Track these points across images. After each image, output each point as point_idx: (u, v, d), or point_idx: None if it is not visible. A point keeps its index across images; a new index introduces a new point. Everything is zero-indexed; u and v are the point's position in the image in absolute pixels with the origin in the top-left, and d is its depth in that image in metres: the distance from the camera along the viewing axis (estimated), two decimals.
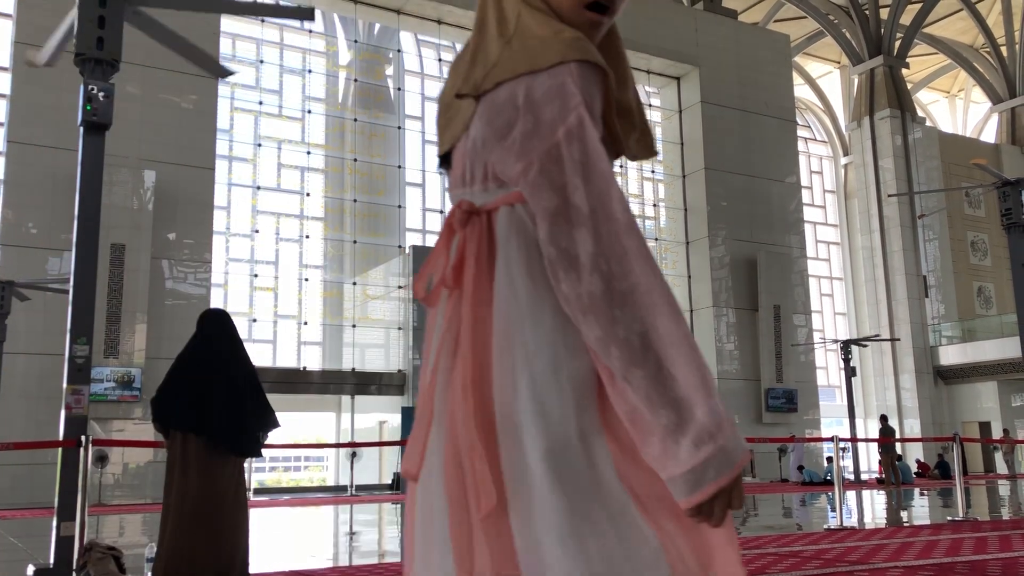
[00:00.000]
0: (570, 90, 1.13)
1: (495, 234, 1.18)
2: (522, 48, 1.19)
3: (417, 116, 27.77)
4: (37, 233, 19.05)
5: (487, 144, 1.19)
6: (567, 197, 1.09)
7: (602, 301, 1.06)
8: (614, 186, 1.11)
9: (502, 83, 1.17)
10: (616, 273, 1.06)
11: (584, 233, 1.07)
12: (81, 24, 6.51)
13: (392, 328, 24.51)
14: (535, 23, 1.20)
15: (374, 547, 8.66)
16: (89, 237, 6.50)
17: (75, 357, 6.30)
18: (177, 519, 4.44)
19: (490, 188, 1.21)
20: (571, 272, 1.07)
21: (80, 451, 6.06)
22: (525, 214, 1.17)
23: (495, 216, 1.20)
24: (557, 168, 1.11)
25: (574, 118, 1.12)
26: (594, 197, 1.09)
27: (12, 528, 10.98)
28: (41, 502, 15.70)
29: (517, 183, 1.15)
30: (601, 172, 1.11)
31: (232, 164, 24.26)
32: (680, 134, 30.69)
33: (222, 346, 4.80)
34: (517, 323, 1.13)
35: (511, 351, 1.12)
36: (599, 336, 1.06)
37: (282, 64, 25.98)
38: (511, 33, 1.21)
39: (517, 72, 1.16)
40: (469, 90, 1.21)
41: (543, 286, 1.13)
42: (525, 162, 1.13)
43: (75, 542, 5.85)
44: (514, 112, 1.15)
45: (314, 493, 23.41)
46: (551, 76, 1.14)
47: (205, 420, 4.57)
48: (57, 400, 6.75)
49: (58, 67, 7.36)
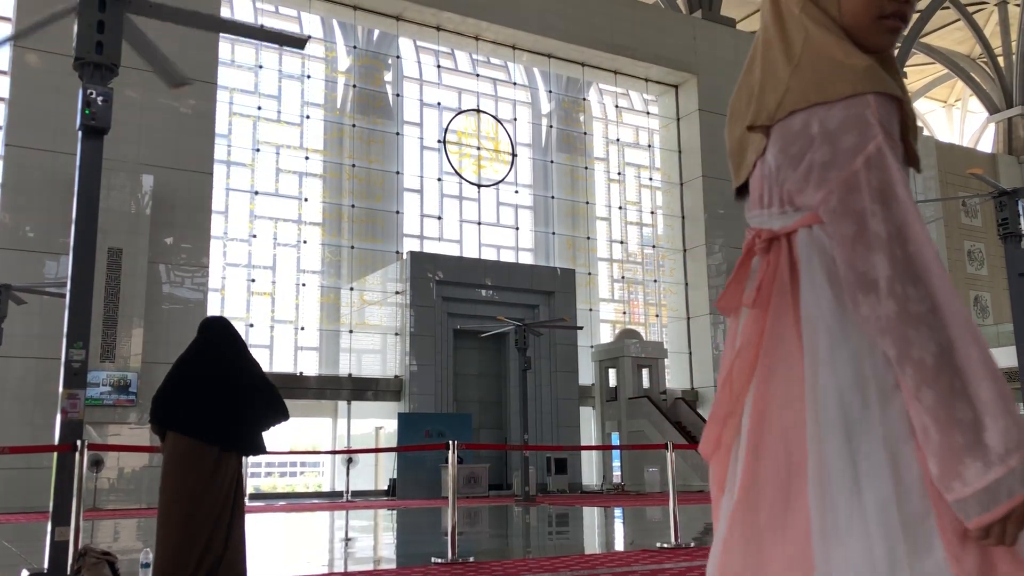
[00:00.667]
0: (868, 120, 1.18)
1: (796, 256, 1.26)
2: (812, 73, 1.22)
3: (415, 122, 27.81)
4: (34, 236, 19.03)
5: (782, 170, 1.25)
6: (865, 223, 1.15)
7: (897, 322, 1.11)
8: (912, 212, 1.16)
9: (795, 112, 1.22)
10: (912, 296, 1.11)
11: (881, 257, 1.13)
12: (80, 29, 6.52)
13: (389, 334, 24.49)
14: (823, 44, 1.24)
15: (369, 553, 8.64)
16: (87, 241, 6.49)
17: (71, 361, 6.29)
18: (174, 521, 4.43)
19: (787, 212, 1.27)
20: (869, 295, 1.14)
21: (76, 456, 6.04)
22: (824, 235, 1.23)
23: (795, 239, 1.26)
24: (855, 196, 1.16)
25: (873, 147, 1.17)
26: (892, 223, 1.14)
27: (6, 532, 10.95)
28: (35, 506, 15.66)
29: (816, 210, 1.22)
30: (899, 199, 1.16)
31: (230, 169, 24.27)
32: (678, 142, 30.76)
33: (223, 349, 4.81)
34: (825, 338, 1.19)
35: (819, 365, 1.19)
36: (895, 356, 1.12)
37: (281, 69, 26.01)
38: (798, 55, 1.25)
39: (810, 102, 1.21)
40: (764, 120, 1.26)
41: (846, 303, 1.20)
42: (824, 191, 1.19)
43: (70, 547, 5.84)
44: (808, 142, 1.21)
45: (310, 499, 23.37)
46: (847, 107, 1.18)
47: (203, 421, 4.57)
48: (53, 404, 6.74)
49: (57, 71, 7.37)
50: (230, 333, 4.90)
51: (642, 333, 28.64)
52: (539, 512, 14.77)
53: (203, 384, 4.65)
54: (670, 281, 30.10)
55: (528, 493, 18.39)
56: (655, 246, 30.74)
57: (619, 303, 30.21)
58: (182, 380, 4.71)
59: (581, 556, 7.32)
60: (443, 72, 28.66)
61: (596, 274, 29.42)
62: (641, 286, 30.57)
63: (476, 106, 28.78)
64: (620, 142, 31.28)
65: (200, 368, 4.73)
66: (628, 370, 26.23)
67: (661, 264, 30.44)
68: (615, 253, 30.48)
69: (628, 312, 30.28)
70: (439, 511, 14.69)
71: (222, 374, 4.71)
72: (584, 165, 29.85)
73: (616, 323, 29.83)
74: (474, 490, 20.59)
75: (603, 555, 7.52)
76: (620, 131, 31.44)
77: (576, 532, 11.48)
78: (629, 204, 31.01)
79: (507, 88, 29.81)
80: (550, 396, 25.06)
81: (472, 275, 24.96)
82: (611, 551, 8.22)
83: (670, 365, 28.51)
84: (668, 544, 7.72)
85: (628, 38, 28.88)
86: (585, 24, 28.15)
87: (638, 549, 7.80)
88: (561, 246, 28.87)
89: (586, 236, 29.34)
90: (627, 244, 30.72)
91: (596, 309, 28.89)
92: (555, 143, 29.64)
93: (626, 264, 30.61)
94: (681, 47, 29.99)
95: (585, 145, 30.12)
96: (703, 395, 28.45)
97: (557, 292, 25.67)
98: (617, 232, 30.52)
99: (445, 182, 27.76)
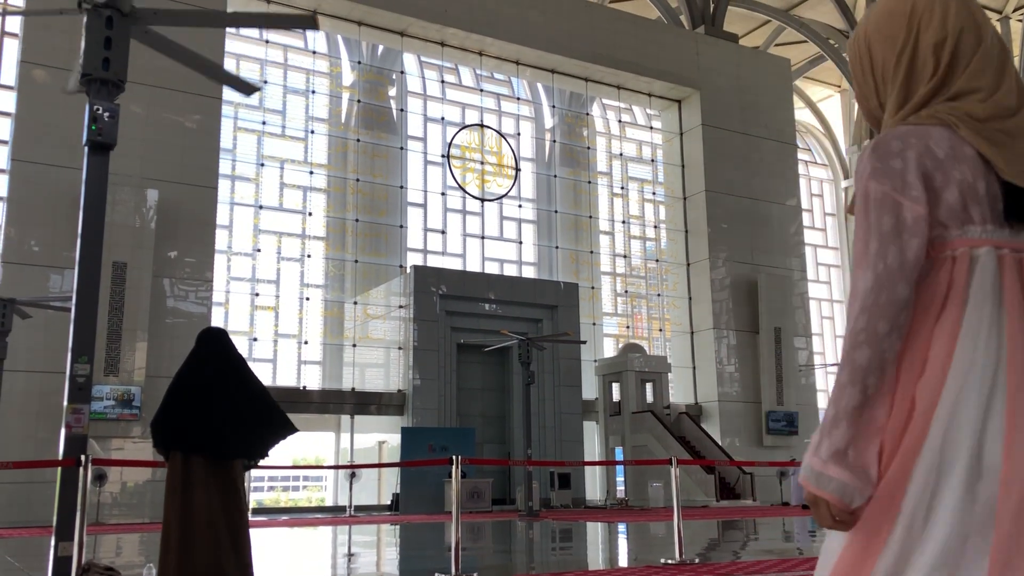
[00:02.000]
0: None
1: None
2: None
3: (419, 137, 27.90)
4: (39, 251, 19.08)
5: None
6: None
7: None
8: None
9: None
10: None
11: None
12: (87, 45, 6.56)
13: (392, 348, 24.48)
14: None
15: (372, 569, 8.62)
16: (92, 255, 6.51)
17: (76, 376, 6.29)
18: (180, 537, 4.42)
19: None
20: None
21: (80, 470, 6.04)
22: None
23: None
24: None
25: None
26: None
27: (9, 547, 10.92)
28: (38, 520, 15.63)
29: None
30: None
31: (234, 183, 24.35)
32: (681, 156, 30.80)
33: (219, 363, 4.80)
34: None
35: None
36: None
37: (286, 84, 26.13)
38: None
39: None
40: None
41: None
42: None
43: (73, 562, 5.82)
44: None
45: (312, 513, 23.30)
46: None
47: (206, 437, 4.57)
48: (57, 418, 6.74)
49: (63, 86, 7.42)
50: (224, 345, 4.89)
51: (645, 347, 28.60)
52: (543, 527, 14.72)
53: (203, 402, 4.65)
54: (673, 295, 30.08)
55: (532, 508, 18.32)
56: (658, 260, 30.73)
57: (622, 317, 30.19)
58: (181, 399, 4.70)
59: (585, 572, 7.29)
60: (447, 87, 28.77)
61: (599, 288, 29.41)
62: (644, 300, 30.55)
63: (480, 121, 28.87)
64: (623, 156, 31.34)
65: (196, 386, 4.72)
66: (632, 384, 26.17)
67: (664, 278, 30.42)
68: (618, 267, 30.48)
69: (631, 326, 30.24)
70: (442, 526, 14.64)
71: (221, 389, 4.71)
72: (587, 179, 29.90)
73: (619, 337, 29.80)
74: (477, 505, 20.52)
75: (607, 571, 7.49)
76: (623, 145, 31.51)
77: (580, 548, 11.44)
78: (632, 218, 31.04)
79: (510, 103, 29.91)
80: (553, 410, 25.01)
81: (475, 289, 24.96)
82: (615, 567, 8.18)
83: (674, 379, 28.45)
84: (672, 560, 7.68)
85: (631, 53, 28.99)
86: (588, 40, 28.26)
87: (642, 565, 7.77)
88: (564, 260, 28.88)
89: (589, 250, 29.36)
90: (630, 258, 30.73)
91: (599, 323, 28.87)
92: (558, 157, 29.71)
93: (629, 278, 30.60)
94: (684, 62, 30.09)
95: (588, 159, 30.17)
96: (707, 410, 28.37)
97: (560, 306, 25.65)
98: (620, 246, 30.53)
99: (449, 196, 27.82)
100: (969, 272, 1.25)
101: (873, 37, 1.42)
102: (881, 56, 1.40)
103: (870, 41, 1.42)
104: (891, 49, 1.38)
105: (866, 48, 1.43)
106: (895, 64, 1.38)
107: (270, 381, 24.00)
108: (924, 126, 1.31)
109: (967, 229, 1.26)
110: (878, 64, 1.41)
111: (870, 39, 1.42)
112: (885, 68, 1.39)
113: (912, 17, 1.36)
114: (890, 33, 1.39)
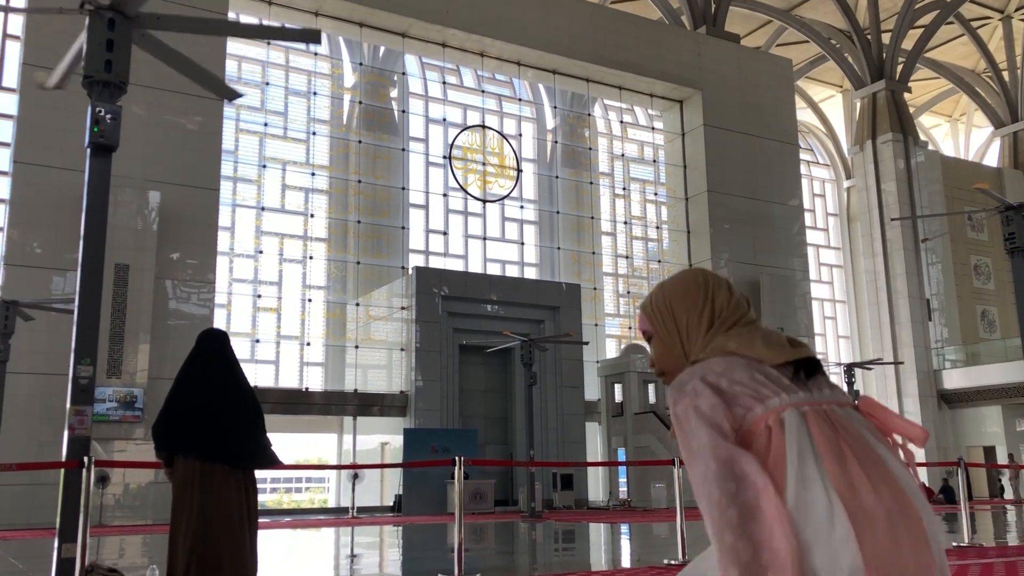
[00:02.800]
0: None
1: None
2: None
3: (421, 138, 27.91)
4: (42, 253, 19.11)
5: None
6: None
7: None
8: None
9: None
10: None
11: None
12: (90, 47, 6.57)
13: (395, 349, 24.49)
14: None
15: (375, 570, 8.61)
16: (94, 257, 6.52)
17: (79, 378, 6.30)
18: (189, 539, 4.42)
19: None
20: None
21: (83, 472, 6.04)
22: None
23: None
24: None
25: None
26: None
27: (12, 549, 10.93)
28: (41, 522, 15.65)
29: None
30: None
31: (236, 185, 24.37)
32: (683, 157, 30.80)
33: (219, 368, 4.80)
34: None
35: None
36: None
37: (287, 86, 26.16)
38: None
39: None
40: None
41: None
42: None
43: (76, 563, 5.83)
44: None
45: (315, 515, 23.31)
46: None
47: (209, 442, 4.57)
48: (59, 420, 6.74)
49: (65, 89, 7.42)
50: (224, 349, 4.89)
51: (648, 348, 28.55)
52: (545, 528, 14.71)
53: (205, 404, 4.65)
54: None
55: (534, 509, 18.31)
56: (660, 261, 30.73)
57: (624, 318, 30.18)
58: (184, 402, 4.70)
59: (588, 573, 7.29)
60: (448, 88, 28.79)
61: (601, 289, 29.40)
62: None
63: (481, 122, 28.88)
64: (625, 157, 31.34)
65: (197, 391, 4.72)
66: (634, 385, 26.15)
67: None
68: (620, 268, 30.47)
69: (634, 327, 30.23)
70: (445, 527, 14.64)
71: (222, 392, 4.71)
72: (589, 180, 29.90)
73: (622, 338, 29.79)
74: (480, 506, 20.52)
75: (610, 572, 7.48)
76: (625, 146, 31.51)
77: (582, 548, 11.43)
78: (634, 219, 31.04)
79: (512, 104, 29.92)
80: (556, 411, 25.00)
81: (477, 290, 24.97)
82: (618, 568, 8.18)
83: None
84: (675, 561, 7.68)
85: (632, 54, 29.00)
86: (590, 40, 28.27)
87: (645, 566, 7.77)
88: (566, 261, 28.88)
89: (591, 251, 29.36)
90: (632, 259, 30.72)
91: (602, 324, 28.86)
92: (560, 158, 29.71)
93: (631, 279, 30.60)
94: (685, 63, 30.09)
95: (590, 160, 30.17)
96: None
97: (562, 307, 25.65)
98: (622, 247, 30.53)
99: (450, 198, 27.83)
100: (782, 431, 1.44)
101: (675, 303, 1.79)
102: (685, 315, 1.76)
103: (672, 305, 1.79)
104: (693, 310, 1.75)
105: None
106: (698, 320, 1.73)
107: (273, 383, 24.02)
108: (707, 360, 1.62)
109: (768, 403, 1.47)
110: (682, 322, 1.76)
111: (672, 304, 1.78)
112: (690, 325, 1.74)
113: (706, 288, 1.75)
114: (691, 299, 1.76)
